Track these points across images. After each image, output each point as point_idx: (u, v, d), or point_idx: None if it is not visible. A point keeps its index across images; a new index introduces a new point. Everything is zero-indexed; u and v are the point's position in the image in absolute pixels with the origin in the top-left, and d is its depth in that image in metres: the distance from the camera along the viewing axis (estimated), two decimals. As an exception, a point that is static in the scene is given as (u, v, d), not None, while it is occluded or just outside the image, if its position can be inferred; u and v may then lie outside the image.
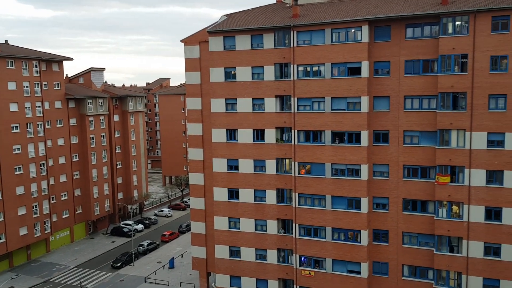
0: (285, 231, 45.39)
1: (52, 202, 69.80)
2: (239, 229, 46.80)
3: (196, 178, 50.94)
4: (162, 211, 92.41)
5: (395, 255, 41.50)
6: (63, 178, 72.73)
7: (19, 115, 63.66)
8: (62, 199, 72.65)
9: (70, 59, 73.88)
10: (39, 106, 67.00)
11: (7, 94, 62.06)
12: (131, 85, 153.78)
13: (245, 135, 45.15)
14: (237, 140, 45.56)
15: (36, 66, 66.77)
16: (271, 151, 44.37)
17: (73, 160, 74.78)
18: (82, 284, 58.82)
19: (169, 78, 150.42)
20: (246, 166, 45.48)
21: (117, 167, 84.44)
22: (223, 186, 46.75)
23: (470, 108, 37.25)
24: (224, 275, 48.16)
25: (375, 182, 41.35)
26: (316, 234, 43.28)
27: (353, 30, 39.83)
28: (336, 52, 40.40)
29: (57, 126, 71.79)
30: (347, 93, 40.39)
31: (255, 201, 45.75)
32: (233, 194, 46.63)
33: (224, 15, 47.71)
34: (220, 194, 47.02)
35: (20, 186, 63.87)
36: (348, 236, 42.11)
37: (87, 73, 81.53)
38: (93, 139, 77.19)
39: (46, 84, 69.21)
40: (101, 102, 79.22)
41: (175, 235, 77.62)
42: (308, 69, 41.77)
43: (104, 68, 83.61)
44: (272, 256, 45.78)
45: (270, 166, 44.58)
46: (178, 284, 57.78)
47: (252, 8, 48.67)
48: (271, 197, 44.99)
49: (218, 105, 45.84)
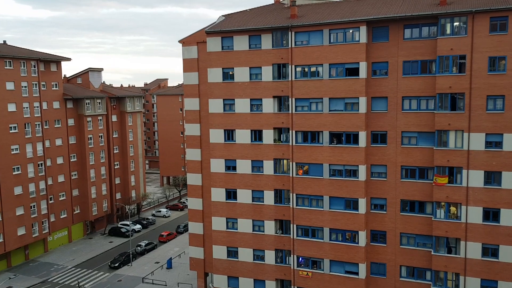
0: (282, 232, 45.35)
1: (50, 202, 69.66)
2: (237, 229, 46.75)
3: (194, 179, 50.89)
4: (160, 211, 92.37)
5: (393, 256, 41.47)
6: (61, 178, 72.65)
7: (17, 115, 63.54)
8: (60, 199, 72.54)
9: (68, 59, 73.81)
10: (37, 106, 66.88)
11: (5, 94, 61.94)
12: (129, 86, 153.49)
13: (243, 136, 45.10)
14: (235, 141, 45.51)
15: (34, 66, 66.64)
16: (269, 151, 44.33)
17: (71, 160, 74.69)
18: (80, 284, 58.70)
19: (167, 79, 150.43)
20: (244, 166, 45.43)
21: (115, 167, 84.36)
22: (221, 186, 46.70)
23: (468, 109, 37.25)
24: (222, 275, 48.12)
25: (373, 183, 41.33)
26: (313, 235, 43.25)
27: (351, 31, 39.82)
28: (334, 52, 40.37)
29: (55, 126, 71.68)
30: (345, 93, 40.37)
31: (253, 201, 45.71)
32: (231, 194, 46.58)
33: (222, 15, 47.68)
34: (218, 194, 46.97)
35: (18, 186, 63.73)
36: (346, 237, 42.07)
37: (85, 73, 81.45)
38: (91, 140, 77.10)
39: (44, 84, 69.13)
40: (99, 103, 79.12)
41: (173, 235, 77.58)
42: (306, 69, 41.74)
43: (102, 69, 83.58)
44: (270, 257, 45.73)
45: (268, 167, 44.54)
46: (175, 284, 57.71)
47: (250, 9, 48.65)
48: (269, 197, 44.95)
49: (216, 106, 45.79)
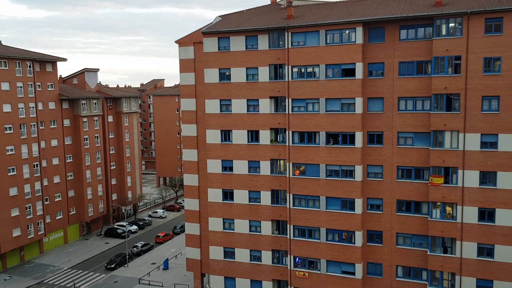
0: (279, 232, 45.41)
1: (45, 203, 69.42)
2: (234, 230, 46.76)
3: (191, 179, 50.87)
4: (156, 212, 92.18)
5: (389, 256, 41.61)
6: (56, 179, 72.39)
7: (12, 116, 63.29)
8: (55, 200, 72.28)
9: (64, 59, 73.59)
10: (33, 107, 66.66)
11: (1, 95, 61.68)
12: (125, 86, 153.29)
13: (239, 136, 45.13)
14: (232, 141, 45.54)
15: (30, 67, 66.43)
16: (266, 152, 44.39)
17: (67, 161, 74.45)
18: (76, 286, 58.51)
19: (164, 79, 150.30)
20: (240, 167, 45.46)
21: (111, 168, 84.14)
22: (218, 187, 46.70)
23: (464, 109, 37.44)
24: (219, 276, 48.11)
25: (369, 183, 41.46)
26: (310, 235, 43.33)
27: (347, 32, 39.94)
28: (330, 53, 40.49)
29: (51, 127, 71.46)
30: (341, 94, 40.48)
31: (249, 202, 45.73)
32: (228, 195, 46.60)
33: (219, 16, 47.71)
34: (215, 195, 46.97)
35: (14, 187, 63.48)
36: (343, 237, 42.18)
37: (81, 73, 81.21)
38: (87, 140, 76.90)
39: (39, 85, 68.90)
40: (95, 103, 78.92)
41: (169, 236, 77.45)
42: (303, 70, 41.84)
43: (98, 69, 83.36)
44: (267, 257, 45.77)
45: (265, 167, 44.60)
46: (172, 285, 57.63)
47: (246, 9, 48.71)
48: (266, 198, 45.01)
49: (212, 106, 45.80)
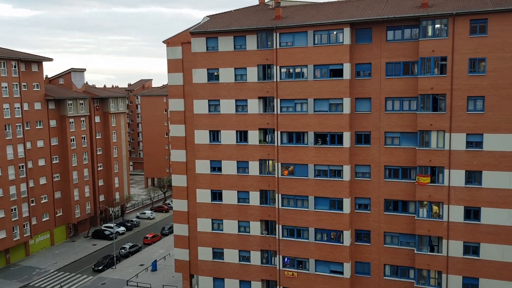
0: (268, 232, 45.48)
1: (31, 205, 68.56)
2: (222, 230, 46.72)
3: (179, 180, 50.70)
4: (145, 213, 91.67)
5: (377, 255, 41.93)
6: (43, 181, 71.55)
7: (-3, 117, 62.46)
8: (42, 201, 71.42)
9: (50, 59, 72.82)
10: (18, 107, 65.81)
11: (-15, 95, 60.86)
12: (112, 86, 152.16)
13: (228, 137, 45.12)
14: (220, 142, 45.51)
15: (15, 67, 65.58)
16: (254, 152, 44.43)
17: (53, 162, 73.63)
18: (63, 288, 57.96)
19: (151, 79, 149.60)
20: (229, 167, 45.44)
21: (98, 169, 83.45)
22: (206, 187, 46.63)
23: (450, 109, 37.91)
24: (207, 277, 48.01)
25: (357, 183, 41.74)
26: (299, 235, 43.47)
27: (335, 32, 40.18)
28: (318, 54, 40.69)
29: (37, 127, 70.57)
30: (330, 94, 40.71)
31: (238, 202, 45.74)
32: (216, 195, 46.54)
33: (207, 16, 47.65)
34: (203, 195, 46.88)
35: (-1, 189, 62.66)
36: (331, 237, 42.41)
37: (67, 73, 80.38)
38: (73, 141, 76.14)
39: (25, 85, 68.03)
40: (82, 103, 78.21)
41: (157, 237, 77.05)
42: (291, 70, 41.98)
43: (85, 69, 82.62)
44: (256, 258, 45.81)
45: (253, 168, 44.64)
46: (160, 286, 57.33)
47: (235, 10, 48.71)
48: (255, 198, 45.04)
49: (201, 107, 45.71)
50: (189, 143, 49.10)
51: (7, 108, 64.03)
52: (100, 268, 63.32)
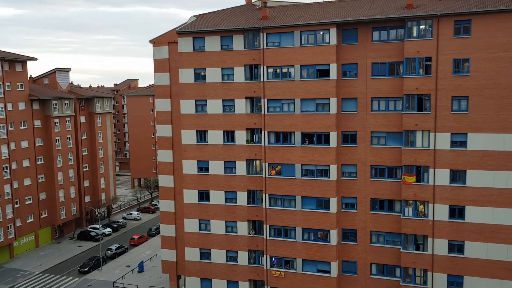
0: (255, 232, 45.51)
1: (16, 206, 67.58)
2: (210, 231, 46.62)
3: (166, 180, 50.45)
4: (131, 214, 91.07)
5: (364, 254, 42.24)
6: (27, 182, 70.61)
7: (-20, 117, 61.53)
8: (26, 203, 70.44)
9: (34, 59, 71.89)
10: (2, 108, 64.90)
11: (-33, 95, 59.90)
12: (98, 86, 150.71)
13: (215, 137, 45.04)
14: (207, 142, 45.40)
15: (-2, 66, 64.66)
16: (242, 152, 44.43)
17: (38, 163, 72.70)
18: (48, 290, 57.31)
19: (138, 79, 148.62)
20: (216, 167, 45.37)
21: (84, 169, 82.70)
22: (193, 188, 46.48)
23: (434, 109, 38.36)
24: (195, 277, 47.86)
25: (344, 182, 42.00)
26: (286, 235, 43.58)
27: (321, 33, 40.37)
28: (305, 54, 40.85)
29: (21, 128, 69.60)
30: (316, 94, 40.89)
31: (225, 202, 45.69)
32: (204, 196, 46.43)
33: (193, 15, 47.50)
34: (190, 196, 46.73)
35: (-18, 190, 61.73)
36: (318, 236, 42.60)
37: (52, 73, 79.48)
38: (58, 141, 75.27)
39: (9, 85, 67.07)
40: (67, 103, 77.38)
41: (144, 238, 76.61)
42: (278, 70, 42.07)
43: (70, 69, 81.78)
44: (243, 258, 45.80)
45: (241, 168, 44.63)
46: None
47: (221, 9, 48.65)
48: (242, 198, 45.03)
49: (187, 107, 45.56)
50: (176, 143, 48.90)
51: (-10, 108, 63.12)
52: (86, 269, 62.74)
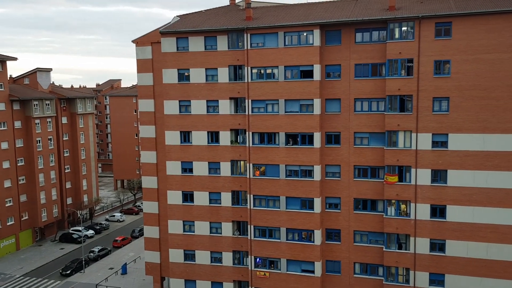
0: (240, 233, 45.50)
1: (-5, 209, 66.43)
2: (194, 232, 46.46)
3: (149, 182, 50.07)
4: (114, 216, 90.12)
5: (347, 253, 42.59)
6: (7, 184, 69.32)
7: (-42, 118, 60.21)
8: (6, 205, 69.15)
9: (14, 59, 70.67)
10: (-19, 108, 63.68)
11: None
12: (80, 86, 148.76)
13: (199, 137, 44.90)
14: (191, 143, 45.23)
15: (-23, 66, 63.41)
16: (226, 153, 44.38)
17: (19, 164, 71.42)
18: (29, 294, 56.39)
19: (120, 79, 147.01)
20: (200, 168, 45.23)
21: (66, 171, 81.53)
22: (177, 189, 46.27)
23: (416, 110, 38.90)
24: (179, 279, 47.62)
25: (328, 183, 42.28)
26: (271, 235, 43.68)
27: (305, 34, 40.59)
28: (289, 55, 41.01)
29: (1, 129, 68.31)
30: (300, 95, 41.10)
31: (210, 203, 45.59)
32: (188, 197, 46.25)
33: (177, 15, 47.30)
34: (174, 197, 46.49)
35: (-40, 192, 60.40)
36: (302, 236, 42.79)
37: (32, 73, 78.16)
38: (39, 143, 74.08)
39: (-12, 85, 65.89)
40: (48, 104, 76.22)
41: (127, 240, 75.88)
42: (262, 71, 42.15)
43: (51, 69, 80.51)
44: (227, 259, 45.76)
45: (225, 168, 44.58)
46: (131, 290, 56.60)
47: (205, 10, 48.55)
48: (226, 199, 44.99)
49: (171, 107, 45.33)
50: (160, 144, 48.58)
51: (-31, 109, 61.82)
52: (68, 272, 61.88)
